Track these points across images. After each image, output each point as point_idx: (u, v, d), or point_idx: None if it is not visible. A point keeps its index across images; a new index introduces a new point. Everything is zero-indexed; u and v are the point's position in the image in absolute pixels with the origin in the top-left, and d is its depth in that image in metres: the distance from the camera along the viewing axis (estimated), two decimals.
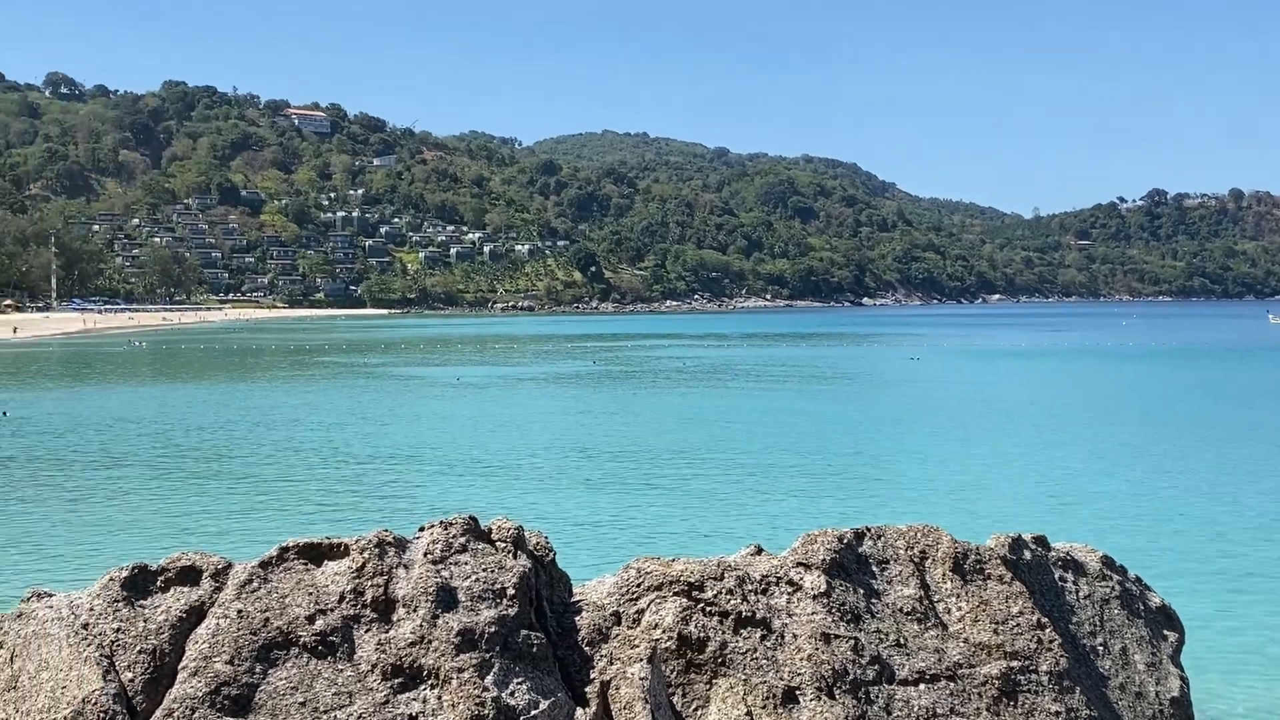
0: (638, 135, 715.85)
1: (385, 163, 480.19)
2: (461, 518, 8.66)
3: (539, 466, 40.40)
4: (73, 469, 39.73)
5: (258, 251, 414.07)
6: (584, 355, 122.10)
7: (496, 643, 8.00)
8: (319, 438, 48.75)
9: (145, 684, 7.85)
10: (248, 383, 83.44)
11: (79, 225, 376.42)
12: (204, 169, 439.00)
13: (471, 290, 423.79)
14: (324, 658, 7.92)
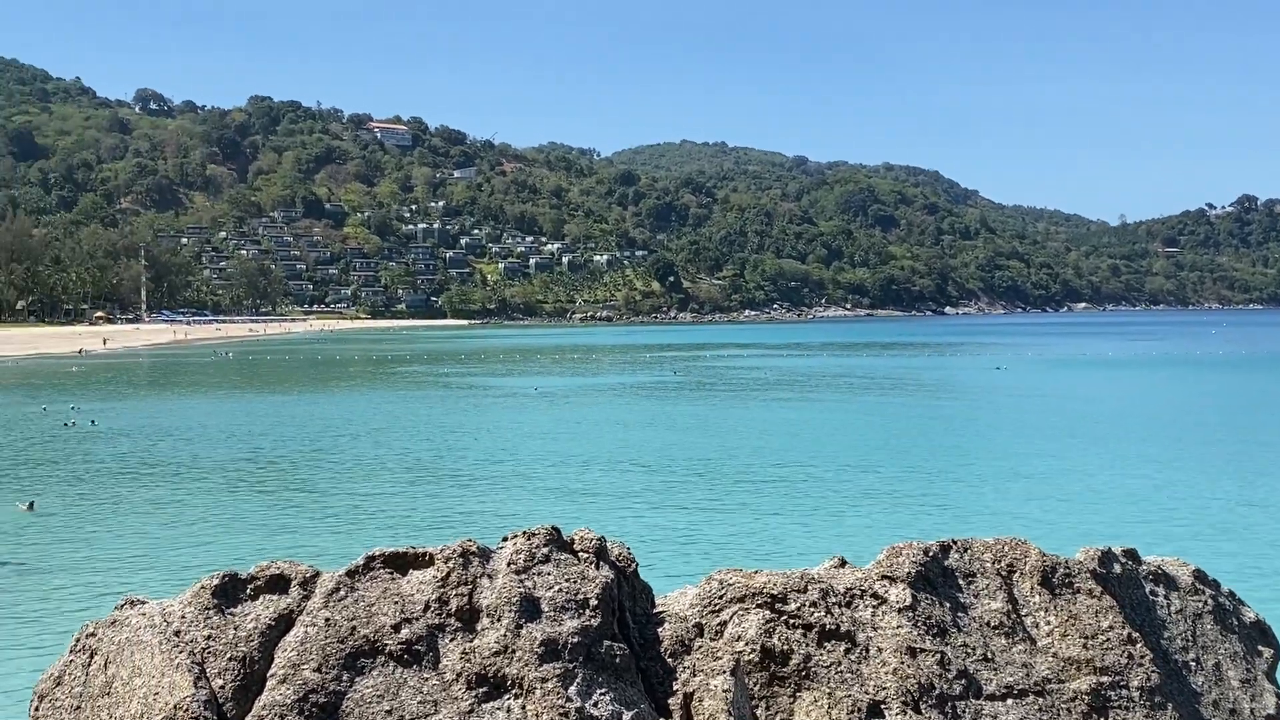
0: (716, 145, 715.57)
1: (465, 175, 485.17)
2: (544, 528, 8.69)
3: (618, 477, 40.43)
4: (163, 478, 40.53)
5: (341, 263, 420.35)
6: (663, 365, 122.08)
7: (580, 653, 8.01)
8: (401, 447, 49.25)
9: (235, 691, 7.97)
10: (331, 393, 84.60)
11: (168, 238, 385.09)
12: (289, 182, 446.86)
13: (550, 301, 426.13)
14: (409, 666, 7.99)
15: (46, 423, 58.97)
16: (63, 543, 29.12)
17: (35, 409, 66.95)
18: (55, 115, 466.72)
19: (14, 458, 46.21)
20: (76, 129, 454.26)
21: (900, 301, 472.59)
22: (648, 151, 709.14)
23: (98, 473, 41.74)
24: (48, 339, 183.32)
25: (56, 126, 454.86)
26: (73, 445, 50.07)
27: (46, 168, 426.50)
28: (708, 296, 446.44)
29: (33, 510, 32.96)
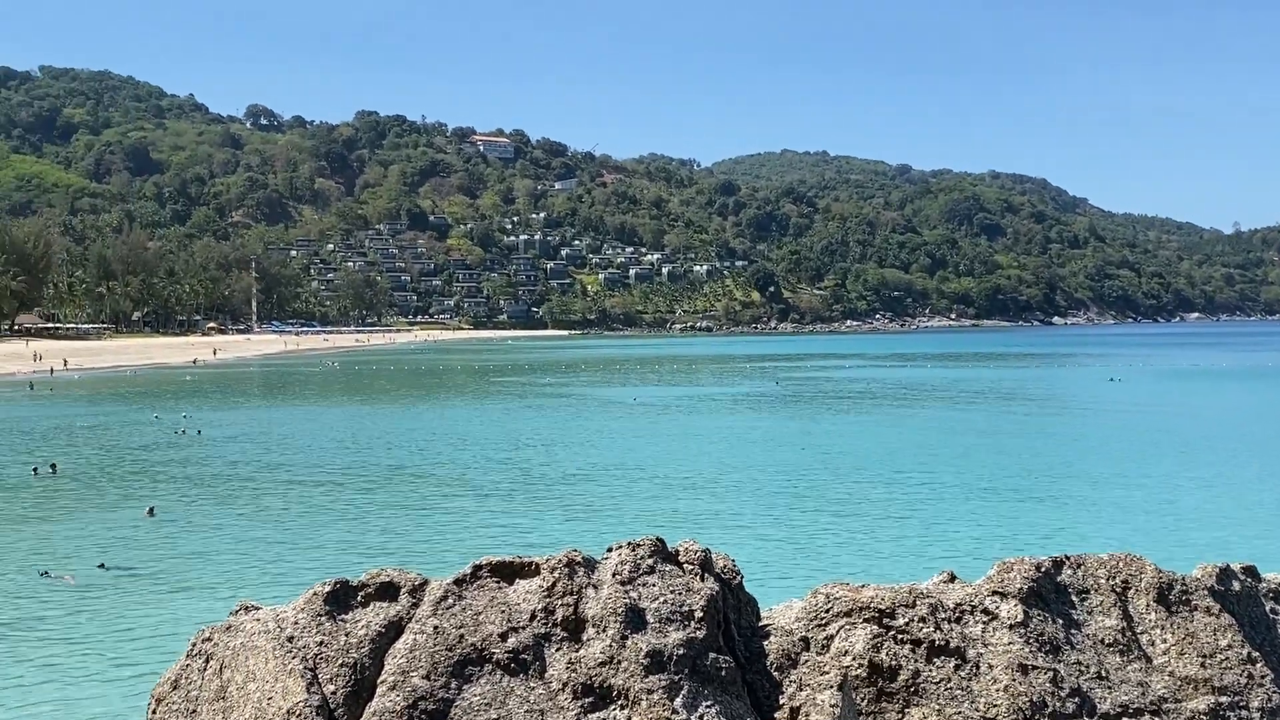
0: (817, 154, 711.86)
1: (566, 186, 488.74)
2: (649, 539, 8.69)
3: (720, 488, 40.31)
4: (272, 485, 41.39)
5: (444, 275, 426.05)
6: (764, 376, 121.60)
7: (685, 665, 7.99)
8: (503, 457, 49.69)
9: (346, 697, 8.09)
10: (434, 403, 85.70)
11: (277, 251, 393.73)
12: (394, 195, 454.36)
13: (650, 311, 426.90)
14: (516, 675, 8.04)
15: (159, 431, 60.60)
16: (179, 548, 29.88)
17: (149, 417, 68.84)
18: (170, 131, 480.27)
19: (131, 464, 47.57)
20: (190, 144, 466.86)
21: (1006, 311, 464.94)
22: (748, 161, 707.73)
23: (210, 480, 42.76)
24: (162, 349, 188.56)
25: (171, 142, 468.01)
26: (185, 453, 51.39)
27: (161, 182, 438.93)
28: (808, 307, 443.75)
29: (152, 516, 33.90)
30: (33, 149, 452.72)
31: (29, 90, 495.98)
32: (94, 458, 49.97)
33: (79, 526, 33.05)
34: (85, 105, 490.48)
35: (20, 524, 33.79)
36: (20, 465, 46.88)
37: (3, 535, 31.81)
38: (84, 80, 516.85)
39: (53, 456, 47.68)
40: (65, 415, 72.02)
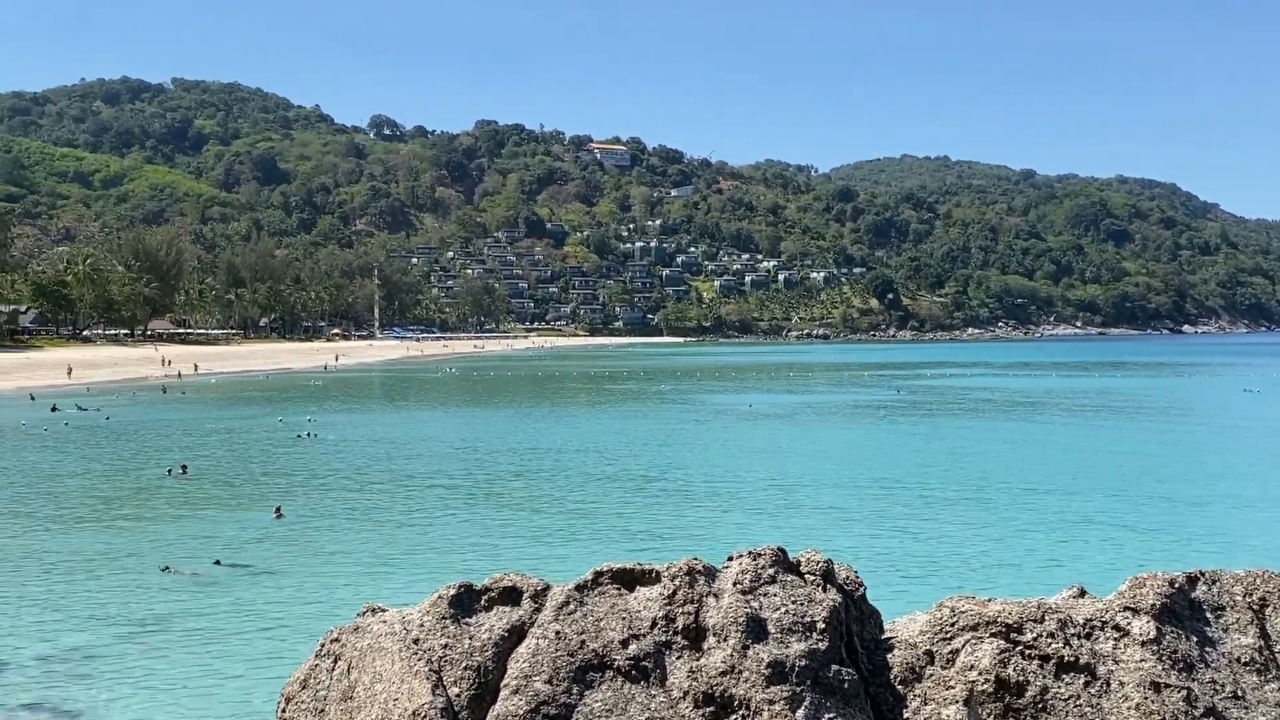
0: (938, 159, 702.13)
1: (682, 193, 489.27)
2: (770, 548, 8.63)
3: (839, 497, 39.93)
4: (393, 488, 42.13)
5: (561, 281, 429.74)
6: (883, 384, 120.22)
7: (807, 676, 7.91)
8: (618, 463, 49.87)
9: (470, 699, 8.18)
10: (551, 408, 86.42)
11: (399, 258, 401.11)
12: (512, 203, 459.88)
13: (766, 318, 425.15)
14: (637, 682, 8.05)
15: (284, 434, 62.08)
16: (306, 549, 30.56)
17: (274, 421, 70.59)
18: (296, 142, 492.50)
19: (258, 466, 48.82)
20: (315, 154, 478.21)
21: (1134, 319, 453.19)
22: (867, 167, 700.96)
23: (334, 482, 43.66)
24: (288, 354, 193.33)
25: (297, 152, 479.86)
26: (309, 456, 52.56)
27: (288, 191, 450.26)
28: (928, 314, 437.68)
29: (280, 517, 34.73)
30: (165, 159, 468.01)
31: (162, 102, 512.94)
32: (222, 459, 51.40)
33: (208, 526, 34.01)
34: (215, 117, 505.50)
35: (153, 522, 34.88)
36: (154, 467, 48.43)
37: (136, 534, 32.87)
38: (214, 92, 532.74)
39: (184, 458, 49.13)
40: (196, 418, 74.22)
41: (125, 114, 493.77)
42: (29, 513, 36.71)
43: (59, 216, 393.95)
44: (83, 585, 26.19)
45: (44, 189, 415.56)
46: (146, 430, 65.37)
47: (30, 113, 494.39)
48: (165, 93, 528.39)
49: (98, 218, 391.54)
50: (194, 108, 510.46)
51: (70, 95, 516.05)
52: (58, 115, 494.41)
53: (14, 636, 21.65)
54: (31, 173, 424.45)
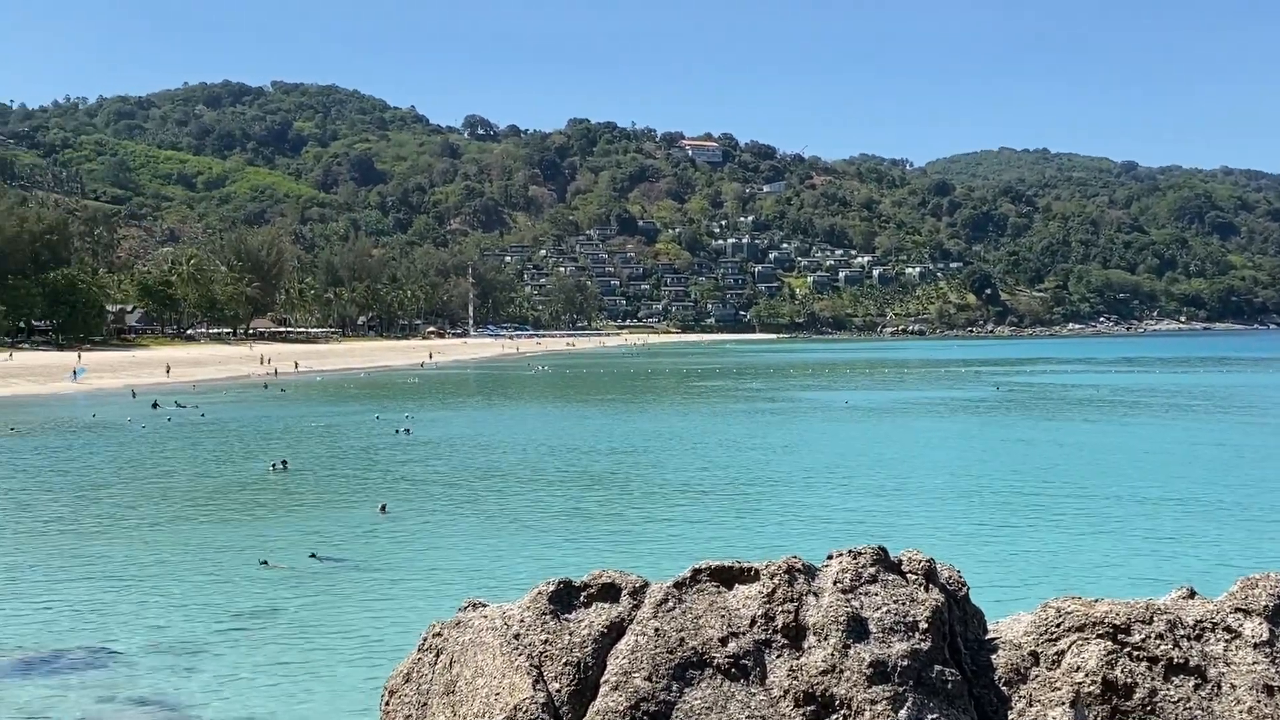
0: (1037, 151, 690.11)
1: (775, 189, 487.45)
2: (870, 547, 8.55)
3: (940, 495, 39.43)
4: (492, 484, 42.54)
5: (652, 279, 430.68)
6: (980, 380, 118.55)
7: (910, 677, 7.83)
8: (713, 459, 49.81)
9: (570, 695, 8.22)
10: (645, 405, 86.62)
11: (493, 257, 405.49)
12: (604, 201, 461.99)
13: (860, 314, 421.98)
14: (737, 680, 8.03)
15: (382, 431, 62.97)
16: (406, 544, 31.00)
17: (372, 418, 71.64)
18: (393, 142, 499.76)
19: (358, 463, 49.62)
20: (411, 155, 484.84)
21: (1240, 314, 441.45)
22: (963, 160, 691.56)
23: (431, 478, 44.22)
24: (386, 352, 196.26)
25: (394, 153, 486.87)
26: (408, 453, 53.28)
27: (385, 192, 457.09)
28: (1027, 309, 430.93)
29: (385, 513, 35.29)
30: (266, 161, 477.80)
31: (262, 105, 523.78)
32: (322, 456, 52.30)
33: (310, 521, 34.62)
34: (314, 119, 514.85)
35: (255, 517, 35.62)
36: (255, 462, 49.47)
37: (238, 528, 33.59)
38: (312, 95, 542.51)
39: (285, 454, 50.08)
40: (295, 415, 75.64)
41: (227, 117, 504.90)
42: (134, 507, 37.71)
43: (164, 218, 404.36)
44: (187, 578, 26.83)
45: (149, 191, 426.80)
46: (246, 427, 66.78)
47: (135, 116, 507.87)
48: (265, 95, 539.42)
49: (201, 219, 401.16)
50: (293, 110, 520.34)
51: (174, 99, 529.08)
52: (162, 119, 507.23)
53: (120, 628, 22.24)
54: (137, 175, 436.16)
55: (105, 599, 24.84)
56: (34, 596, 24.98)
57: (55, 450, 54.72)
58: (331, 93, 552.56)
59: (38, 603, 24.46)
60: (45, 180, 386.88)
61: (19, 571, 27.58)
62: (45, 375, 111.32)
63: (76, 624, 22.66)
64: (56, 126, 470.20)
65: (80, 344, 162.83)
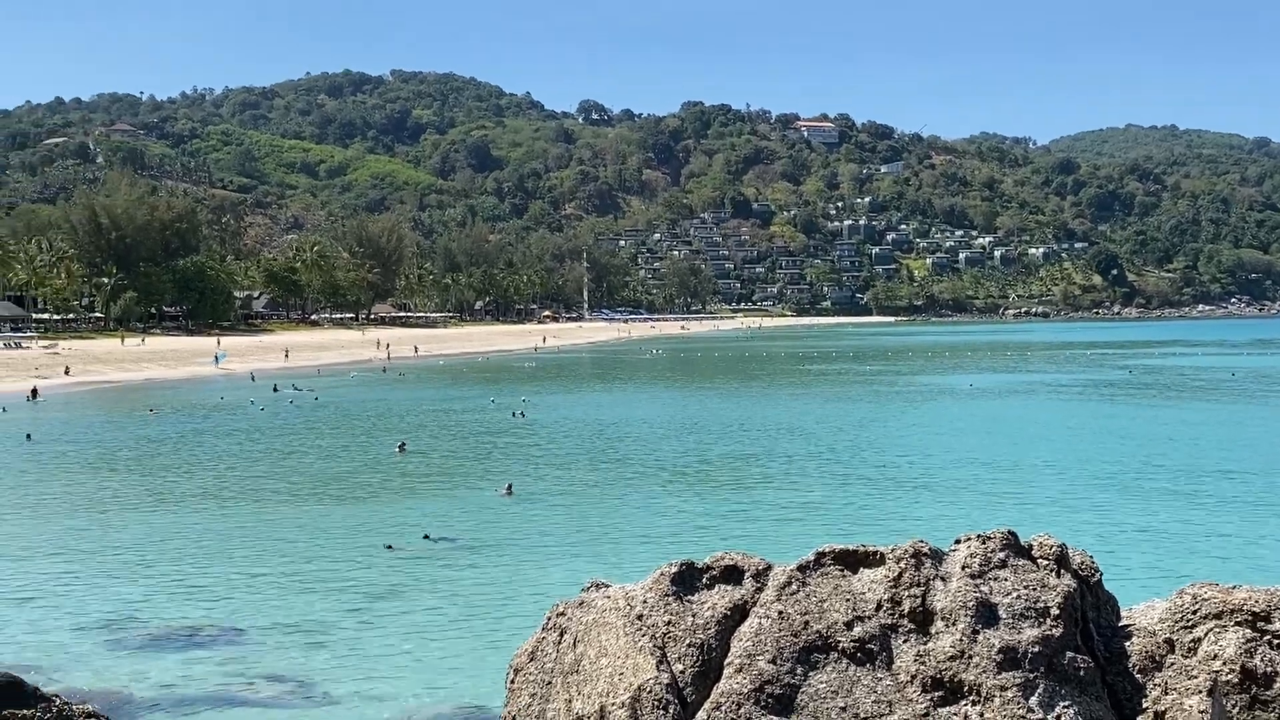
0: (1165, 128, 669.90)
1: (892, 169, 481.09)
2: (1000, 531, 8.39)
3: (1069, 480, 38.60)
4: (610, 467, 42.82)
5: (767, 262, 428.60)
6: (1110, 363, 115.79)
7: (1040, 663, 7.67)
8: (832, 442, 49.45)
9: (694, 676, 8.23)
10: (761, 388, 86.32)
11: (607, 241, 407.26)
12: (718, 184, 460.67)
13: (981, 296, 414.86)
14: (862, 664, 7.94)
15: (498, 415, 63.74)
16: (527, 525, 31.36)
17: (486, 401, 72.54)
18: (508, 129, 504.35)
19: (476, 446, 50.32)
20: (526, 141, 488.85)
21: None
22: (1088, 138, 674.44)
23: (550, 461, 44.67)
24: (502, 336, 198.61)
25: (509, 139, 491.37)
26: (525, 435, 53.87)
27: (500, 178, 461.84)
28: (1155, 290, 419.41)
29: (510, 494, 35.78)
30: (385, 149, 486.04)
31: (382, 94, 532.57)
32: (440, 439, 53.12)
33: (429, 503, 35.21)
34: (432, 106, 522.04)
35: (375, 499, 36.35)
36: (375, 445, 50.45)
37: (362, 509, 34.29)
38: (431, 83, 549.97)
39: (403, 437, 50.97)
40: (413, 398, 76.97)
41: (348, 106, 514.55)
42: (260, 488, 38.75)
43: (288, 206, 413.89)
44: (312, 558, 27.47)
45: (273, 179, 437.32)
46: (364, 410, 68.13)
47: (260, 107, 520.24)
48: (385, 84, 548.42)
49: (323, 206, 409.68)
50: (412, 98, 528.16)
51: (296, 89, 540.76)
52: (285, 109, 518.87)
53: (250, 608, 22.86)
54: (262, 164, 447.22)
55: (234, 577, 25.57)
56: (167, 574, 25.82)
57: (187, 432, 56.52)
58: (449, 80, 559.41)
59: (171, 580, 25.27)
60: (174, 170, 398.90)
61: (153, 549, 28.53)
62: (176, 359, 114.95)
63: (207, 601, 23.37)
64: (185, 117, 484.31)
65: (209, 329, 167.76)
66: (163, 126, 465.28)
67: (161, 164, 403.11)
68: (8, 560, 27.11)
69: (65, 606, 22.93)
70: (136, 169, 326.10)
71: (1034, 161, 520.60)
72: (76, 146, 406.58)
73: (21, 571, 25.91)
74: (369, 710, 17.17)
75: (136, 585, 24.70)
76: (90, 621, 21.77)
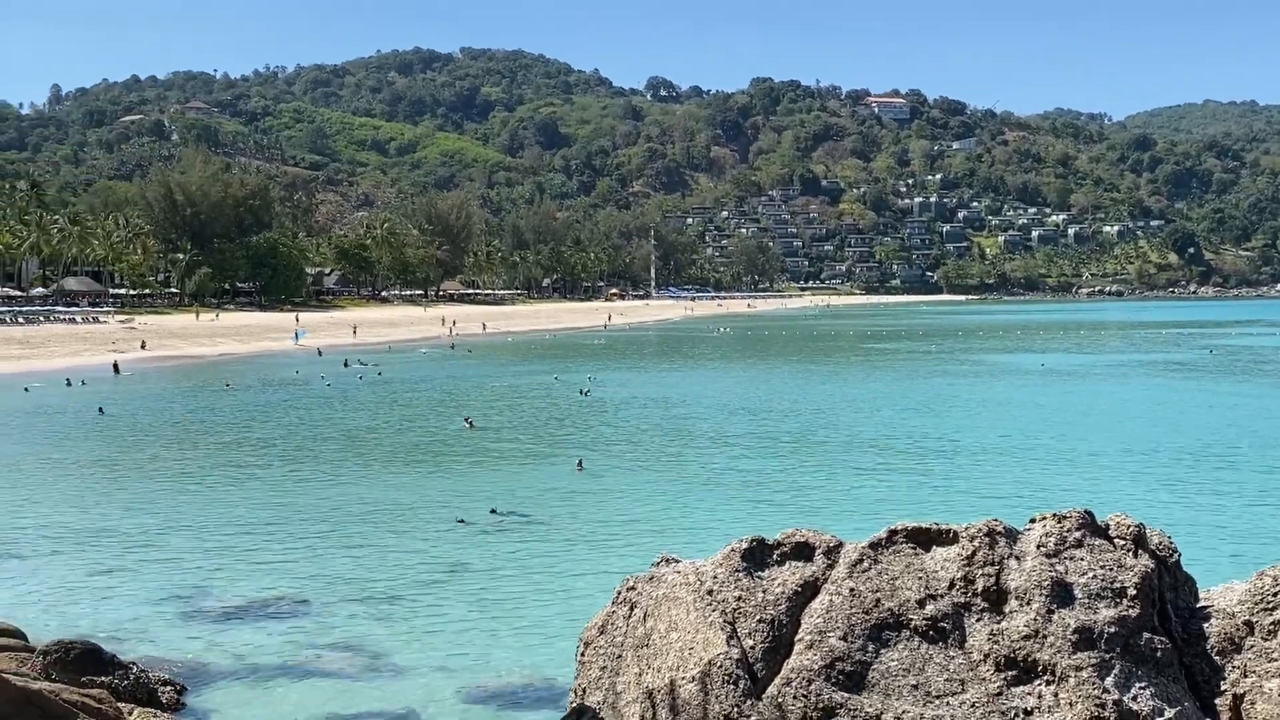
0: (1244, 104, 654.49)
1: (964, 146, 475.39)
2: (1076, 511, 8.30)
3: (1147, 460, 38.00)
4: (677, 444, 42.88)
5: (835, 240, 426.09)
6: (1189, 343, 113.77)
7: (1116, 643, 7.58)
8: (902, 422, 49.13)
9: (765, 652, 8.23)
10: (829, 367, 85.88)
11: (674, 219, 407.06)
12: (787, 161, 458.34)
13: (1054, 274, 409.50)
14: (934, 643, 7.90)
15: (564, 392, 63.98)
16: (596, 500, 31.52)
17: (550, 378, 72.85)
18: (576, 106, 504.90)
19: (543, 422, 50.60)
20: (594, 118, 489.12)
21: None
22: (1165, 114, 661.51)
23: (617, 437, 44.82)
24: (569, 313, 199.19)
25: (577, 116, 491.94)
26: (593, 412, 54.08)
27: (568, 155, 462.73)
28: (1233, 269, 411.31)
29: (581, 470, 36.00)
30: (455, 127, 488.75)
31: (451, 71, 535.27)
32: (507, 415, 53.47)
33: (497, 477, 35.49)
34: (501, 84, 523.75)
35: (443, 473, 36.70)
36: (444, 420, 50.91)
37: (429, 483, 34.64)
38: (499, 60, 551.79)
39: (470, 412, 51.37)
40: (480, 374, 77.54)
41: (418, 83, 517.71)
42: (331, 462, 39.27)
43: (358, 183, 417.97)
44: (382, 531, 27.79)
45: (344, 157, 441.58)
46: (432, 386, 68.76)
47: (331, 84, 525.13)
48: (454, 62, 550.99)
49: (393, 184, 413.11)
50: (481, 75, 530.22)
51: (367, 67, 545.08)
52: (356, 86, 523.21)
53: (319, 580, 23.18)
54: (333, 141, 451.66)
55: (304, 550, 25.95)
56: (239, 546, 26.25)
57: (262, 406, 57.43)
58: (518, 58, 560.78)
59: (243, 552, 25.70)
60: (247, 147, 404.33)
61: (227, 522, 29.02)
62: (249, 335, 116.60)
63: (278, 573, 23.73)
64: (258, 95, 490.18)
65: (281, 305, 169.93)
66: (236, 104, 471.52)
67: (235, 141, 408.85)
68: (86, 533, 27.72)
69: (141, 578, 23.40)
70: (211, 146, 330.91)
71: (1109, 138, 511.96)
72: (152, 124, 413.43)
73: (98, 544, 26.48)
74: (437, 681, 17.35)
75: (210, 557, 25.15)
76: (164, 593, 22.20)
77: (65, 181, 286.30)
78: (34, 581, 23.20)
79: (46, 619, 19.95)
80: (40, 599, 21.84)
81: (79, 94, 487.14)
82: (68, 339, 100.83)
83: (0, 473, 37.22)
